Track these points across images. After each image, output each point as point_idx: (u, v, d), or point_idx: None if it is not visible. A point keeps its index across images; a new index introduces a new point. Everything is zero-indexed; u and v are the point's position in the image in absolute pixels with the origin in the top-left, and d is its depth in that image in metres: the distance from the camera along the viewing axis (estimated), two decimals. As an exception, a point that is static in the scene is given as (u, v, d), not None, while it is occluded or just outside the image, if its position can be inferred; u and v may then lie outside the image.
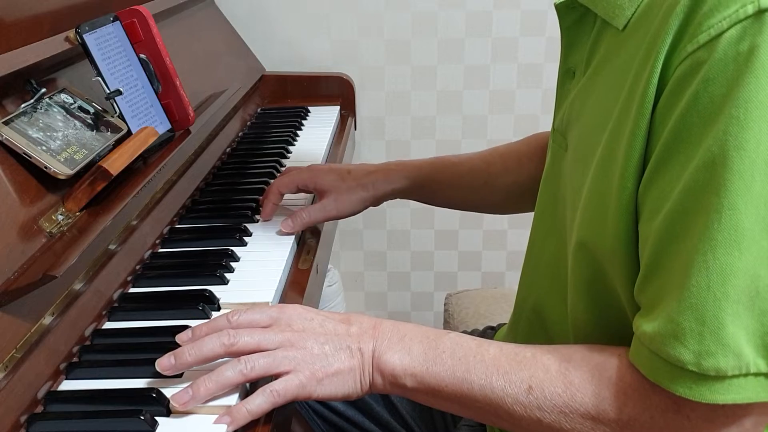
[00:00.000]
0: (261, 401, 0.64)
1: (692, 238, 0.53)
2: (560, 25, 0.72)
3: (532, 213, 0.83)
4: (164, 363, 0.66)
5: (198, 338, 0.67)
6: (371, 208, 1.03)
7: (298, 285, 0.89)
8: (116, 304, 0.82)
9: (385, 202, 1.03)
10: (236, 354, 0.65)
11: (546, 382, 0.60)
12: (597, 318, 0.68)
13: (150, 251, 0.92)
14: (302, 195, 1.07)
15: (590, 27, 0.69)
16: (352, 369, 0.66)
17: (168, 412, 0.64)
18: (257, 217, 1.02)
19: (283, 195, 1.03)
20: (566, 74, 0.73)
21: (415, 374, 0.64)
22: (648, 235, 0.57)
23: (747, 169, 0.51)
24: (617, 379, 0.58)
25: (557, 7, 0.71)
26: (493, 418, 0.63)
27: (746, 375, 0.53)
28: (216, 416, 0.63)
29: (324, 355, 0.66)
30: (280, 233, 0.97)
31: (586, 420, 0.59)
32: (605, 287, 0.65)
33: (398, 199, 1.05)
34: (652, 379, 0.56)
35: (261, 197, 1.06)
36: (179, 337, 0.69)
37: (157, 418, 0.63)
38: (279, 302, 0.84)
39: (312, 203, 1.03)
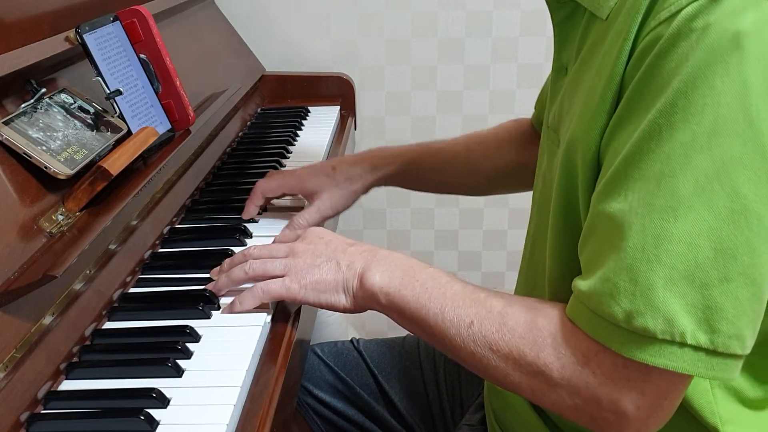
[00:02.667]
0: (250, 298, 0.76)
1: (631, 202, 0.55)
2: (552, 21, 0.73)
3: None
4: (220, 282, 0.81)
5: (227, 267, 0.82)
6: (371, 208, 1.04)
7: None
8: (116, 304, 0.82)
9: (385, 203, 1.04)
10: (253, 269, 0.78)
11: (485, 320, 0.64)
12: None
13: (150, 251, 0.92)
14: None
15: (580, 22, 0.69)
16: (336, 281, 0.74)
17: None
18: (258, 217, 1.02)
19: (269, 199, 1.03)
20: (559, 70, 0.74)
21: (388, 293, 0.70)
22: (593, 197, 0.60)
23: (689, 141, 0.53)
24: (544, 327, 0.61)
25: (548, 2, 0.72)
26: (440, 345, 0.69)
27: (682, 345, 0.54)
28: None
29: (315, 266, 0.75)
30: (278, 241, 0.97)
31: (508, 360, 0.62)
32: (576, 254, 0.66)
33: (398, 199, 1.05)
34: (591, 334, 0.58)
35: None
36: (212, 272, 0.85)
37: (157, 417, 0.63)
38: (279, 303, 0.84)
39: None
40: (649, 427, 0.59)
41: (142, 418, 0.62)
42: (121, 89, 0.91)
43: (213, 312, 0.80)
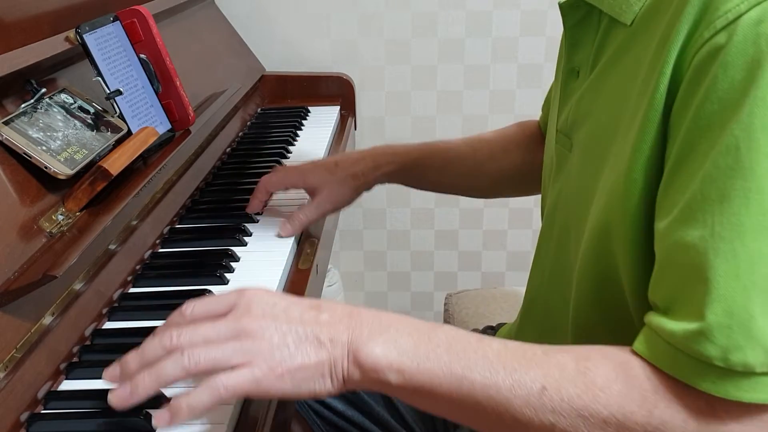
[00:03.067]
0: (204, 396, 0.56)
1: (713, 226, 0.50)
2: (564, 24, 0.72)
3: (533, 212, 0.83)
4: (111, 372, 0.60)
5: (149, 340, 0.60)
6: (371, 208, 1.03)
7: (298, 285, 0.89)
8: (116, 304, 0.82)
9: (385, 203, 1.03)
10: (196, 362, 0.57)
11: (563, 382, 0.53)
12: (601, 317, 0.67)
13: (150, 251, 0.92)
14: (302, 194, 1.07)
15: (595, 25, 0.68)
16: (320, 363, 0.57)
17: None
18: (257, 217, 1.02)
19: (271, 193, 1.03)
20: (570, 74, 0.72)
21: (403, 370, 0.56)
22: (664, 230, 0.54)
23: None
24: (645, 379, 0.53)
25: (561, 6, 0.70)
26: (496, 424, 0.56)
27: None
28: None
29: (285, 346, 0.57)
30: (280, 237, 0.97)
31: (609, 425, 0.52)
32: (613, 287, 0.64)
33: (398, 199, 1.05)
34: (675, 374, 0.52)
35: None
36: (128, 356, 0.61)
37: (157, 418, 0.63)
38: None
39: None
40: None
41: (142, 417, 0.62)
42: (121, 89, 0.91)
43: (213, 312, 0.80)
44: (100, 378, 0.69)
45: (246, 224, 0.99)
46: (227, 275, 0.86)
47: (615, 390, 0.53)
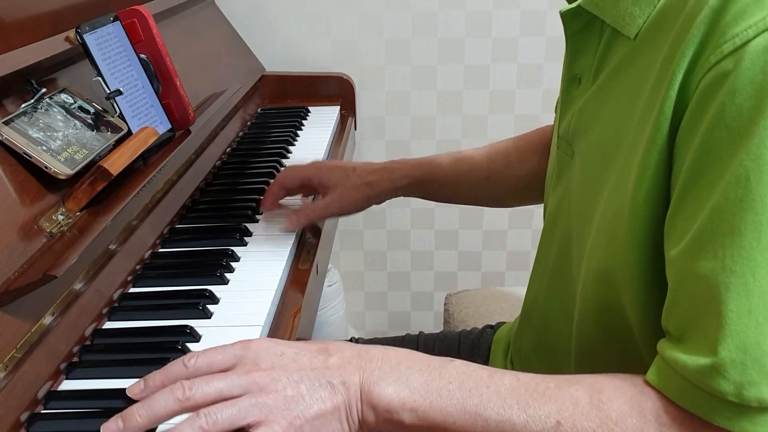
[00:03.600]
0: None
1: (724, 259, 0.49)
2: (565, 32, 0.70)
3: (533, 212, 0.83)
4: (111, 428, 0.57)
5: (150, 391, 0.59)
6: (371, 208, 1.03)
7: (298, 285, 0.89)
8: (116, 304, 0.82)
9: (384, 203, 1.03)
10: (194, 408, 0.57)
11: (577, 416, 0.54)
12: (604, 338, 0.67)
13: (150, 251, 0.92)
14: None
15: (597, 34, 0.67)
16: (336, 408, 0.57)
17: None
18: (258, 216, 1.02)
19: (286, 190, 1.03)
20: (572, 81, 0.72)
21: (416, 408, 0.56)
22: (675, 258, 0.54)
23: None
24: (660, 413, 0.53)
25: (562, 14, 0.69)
26: None
27: None
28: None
29: (300, 397, 0.57)
30: (283, 230, 0.97)
31: None
32: (616, 312, 0.63)
33: (398, 199, 1.05)
34: (690, 409, 0.52)
35: (262, 196, 1.06)
36: (130, 390, 0.60)
37: (157, 417, 0.63)
38: (279, 303, 0.84)
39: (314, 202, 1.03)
40: None
41: (143, 418, 0.62)
42: (122, 89, 0.91)
43: (213, 311, 0.80)
44: (100, 378, 0.70)
45: (246, 224, 0.99)
46: (227, 275, 0.86)
47: (630, 424, 0.53)
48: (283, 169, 1.04)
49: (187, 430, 0.56)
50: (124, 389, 0.67)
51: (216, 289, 0.83)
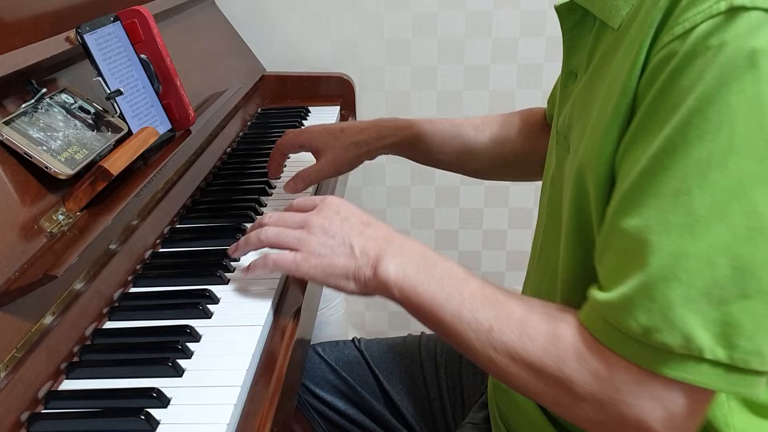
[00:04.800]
0: (261, 267, 0.78)
1: (647, 219, 0.55)
2: (561, 27, 0.73)
3: (533, 212, 0.84)
4: (231, 249, 0.84)
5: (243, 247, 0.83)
6: (371, 207, 1.04)
7: (299, 284, 0.89)
8: (117, 304, 0.82)
9: (385, 203, 1.04)
10: (267, 236, 0.78)
11: (505, 326, 0.62)
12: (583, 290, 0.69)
13: (150, 251, 0.92)
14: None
15: (590, 28, 0.69)
16: (347, 267, 0.72)
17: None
18: (258, 217, 1.02)
19: (287, 155, 1.09)
20: (569, 76, 0.73)
21: (402, 289, 0.69)
22: (607, 215, 0.60)
23: (705, 159, 0.52)
24: (566, 339, 0.60)
25: (557, 9, 0.71)
26: (458, 347, 0.67)
27: (701, 360, 0.54)
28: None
29: (327, 246, 0.74)
30: (284, 193, 1.03)
31: (530, 370, 0.61)
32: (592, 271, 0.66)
33: (399, 199, 1.06)
34: (610, 345, 0.58)
35: (263, 196, 1.07)
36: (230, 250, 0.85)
37: (157, 417, 0.63)
38: (279, 302, 0.84)
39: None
40: None
41: (143, 417, 0.62)
42: (122, 89, 0.91)
43: (213, 311, 0.80)
44: (100, 378, 0.70)
45: (246, 224, 0.99)
46: (227, 275, 0.86)
47: (539, 343, 0.61)
48: (279, 138, 1.08)
49: (252, 236, 0.80)
50: (124, 389, 0.68)
51: (216, 289, 0.83)
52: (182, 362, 0.70)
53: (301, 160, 1.12)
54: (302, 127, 1.11)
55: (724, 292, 0.53)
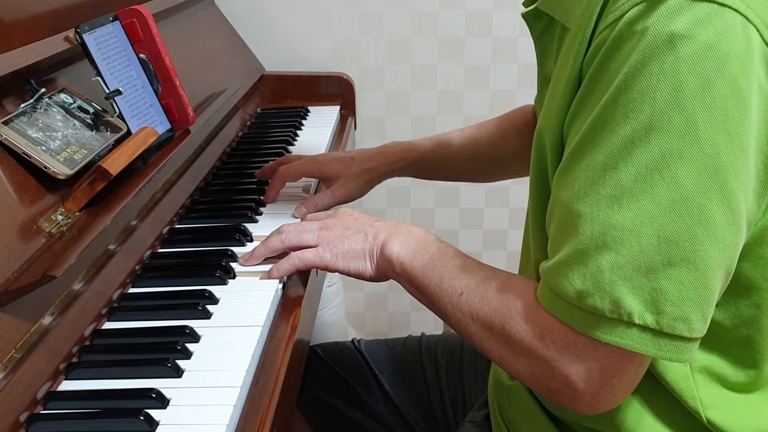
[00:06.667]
0: (287, 264, 0.84)
1: (578, 191, 0.59)
2: (531, 35, 0.77)
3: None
4: (245, 256, 0.89)
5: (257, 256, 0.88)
6: (371, 208, 1.06)
7: (298, 285, 0.89)
8: (116, 305, 0.81)
9: (385, 203, 1.06)
10: (289, 239, 0.86)
11: (471, 291, 0.70)
12: None
13: (150, 251, 0.92)
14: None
15: (556, 34, 0.72)
16: (363, 250, 0.81)
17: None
18: (257, 217, 1.02)
19: (285, 182, 1.10)
20: (543, 83, 0.76)
21: (402, 263, 0.77)
22: (552, 190, 0.65)
23: (629, 135, 0.56)
24: (512, 301, 0.66)
25: (524, 16, 0.75)
26: (436, 312, 0.75)
27: (630, 324, 0.57)
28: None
29: (345, 237, 0.82)
30: (293, 217, 1.01)
31: (484, 329, 0.68)
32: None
33: (399, 200, 1.06)
34: (549, 309, 0.62)
35: (262, 196, 1.06)
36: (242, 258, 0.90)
37: (156, 418, 0.63)
38: (279, 303, 0.84)
39: (317, 190, 1.08)
40: (600, 403, 0.62)
41: (142, 418, 0.62)
42: (121, 89, 0.91)
43: (213, 312, 0.80)
44: (99, 378, 0.70)
45: (246, 224, 0.99)
46: (227, 275, 0.86)
47: (492, 304, 0.67)
48: (283, 167, 1.07)
49: (273, 241, 0.87)
50: (124, 390, 0.67)
51: (215, 289, 0.83)
52: (181, 363, 0.70)
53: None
54: (307, 157, 1.11)
55: (651, 261, 0.56)
